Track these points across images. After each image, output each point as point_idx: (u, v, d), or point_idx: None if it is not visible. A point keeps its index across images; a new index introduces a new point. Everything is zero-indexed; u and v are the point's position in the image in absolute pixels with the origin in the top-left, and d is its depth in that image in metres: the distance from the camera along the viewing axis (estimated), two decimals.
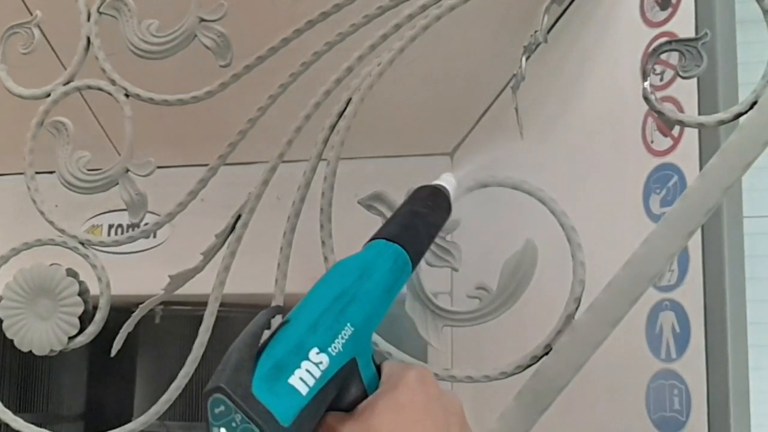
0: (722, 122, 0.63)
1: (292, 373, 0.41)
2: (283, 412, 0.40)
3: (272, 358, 0.42)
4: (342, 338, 0.44)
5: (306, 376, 0.42)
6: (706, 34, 0.64)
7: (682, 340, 1.07)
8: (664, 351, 1.10)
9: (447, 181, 0.57)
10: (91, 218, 2.48)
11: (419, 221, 0.53)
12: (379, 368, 0.50)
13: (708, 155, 0.62)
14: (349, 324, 0.45)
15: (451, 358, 2.11)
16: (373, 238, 0.52)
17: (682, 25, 1.12)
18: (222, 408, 0.40)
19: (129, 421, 0.74)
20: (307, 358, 0.42)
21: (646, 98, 0.65)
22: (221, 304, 0.74)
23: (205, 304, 0.74)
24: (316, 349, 0.43)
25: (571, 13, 1.51)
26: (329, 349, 0.43)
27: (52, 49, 1.59)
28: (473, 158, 0.62)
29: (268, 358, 0.42)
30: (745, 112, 0.62)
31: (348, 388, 0.46)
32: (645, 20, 1.21)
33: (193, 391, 0.68)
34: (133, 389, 3.22)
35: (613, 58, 1.34)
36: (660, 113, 0.65)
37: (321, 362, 0.43)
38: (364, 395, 0.47)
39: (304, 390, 0.41)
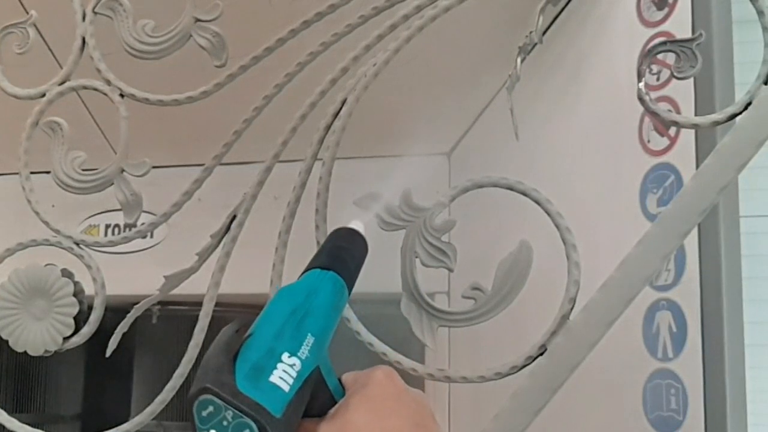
0: (717, 123, 0.63)
1: (271, 373, 0.43)
2: (272, 405, 0.42)
3: (248, 362, 0.43)
4: (307, 345, 0.46)
5: (284, 375, 0.43)
6: (701, 35, 0.64)
7: (679, 340, 1.07)
8: (660, 350, 1.10)
9: (357, 225, 0.63)
10: (88, 218, 2.48)
11: (345, 254, 0.58)
12: (339, 381, 0.52)
13: (705, 155, 0.62)
14: (309, 333, 0.47)
15: (449, 358, 2.11)
16: (307, 270, 0.55)
17: (679, 24, 1.12)
18: (210, 409, 0.41)
19: (127, 421, 0.74)
20: (281, 361, 0.44)
21: (641, 99, 0.65)
22: (217, 305, 0.74)
23: (202, 304, 0.74)
24: (287, 353, 0.45)
25: (567, 14, 1.51)
26: (299, 354, 0.45)
27: (49, 48, 1.59)
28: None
29: (244, 362, 0.43)
30: (740, 113, 0.62)
31: (316, 396, 0.48)
32: (642, 20, 1.21)
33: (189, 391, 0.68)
34: (130, 389, 3.21)
35: (610, 57, 1.34)
36: (655, 114, 0.64)
37: (294, 364, 0.44)
38: (333, 401, 0.50)
39: (286, 387, 0.43)
